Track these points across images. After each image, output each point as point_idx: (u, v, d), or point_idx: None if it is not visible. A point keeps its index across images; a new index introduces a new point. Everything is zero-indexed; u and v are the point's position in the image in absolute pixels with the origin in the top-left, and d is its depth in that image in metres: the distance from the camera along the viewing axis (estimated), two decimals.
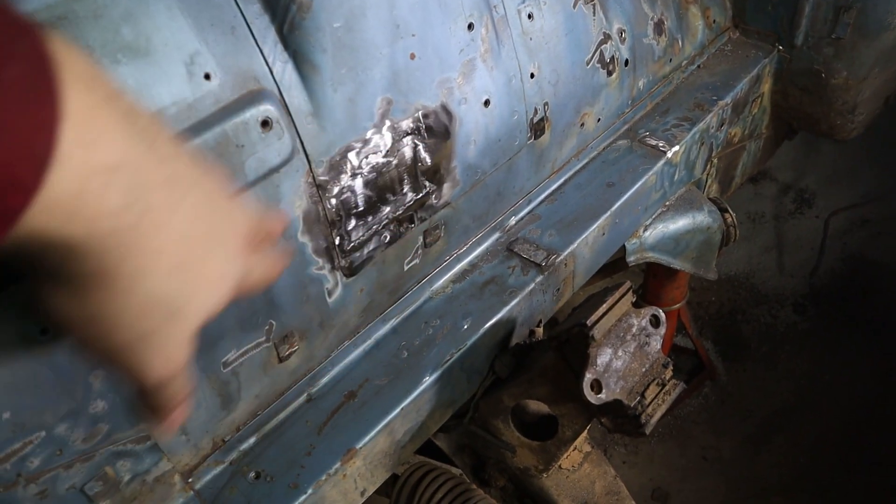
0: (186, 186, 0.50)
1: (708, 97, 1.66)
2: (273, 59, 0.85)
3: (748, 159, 1.99)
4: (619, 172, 1.45)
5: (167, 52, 0.74)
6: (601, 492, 1.30)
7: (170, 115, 0.76)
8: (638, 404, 1.03)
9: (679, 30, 1.65)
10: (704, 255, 1.71)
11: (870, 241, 3.03)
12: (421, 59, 1.01)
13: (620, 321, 1.07)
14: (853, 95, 1.85)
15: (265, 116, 0.83)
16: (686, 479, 2.49)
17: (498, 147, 1.20)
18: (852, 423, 2.53)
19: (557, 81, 1.29)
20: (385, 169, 1.02)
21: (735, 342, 2.86)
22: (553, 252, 1.28)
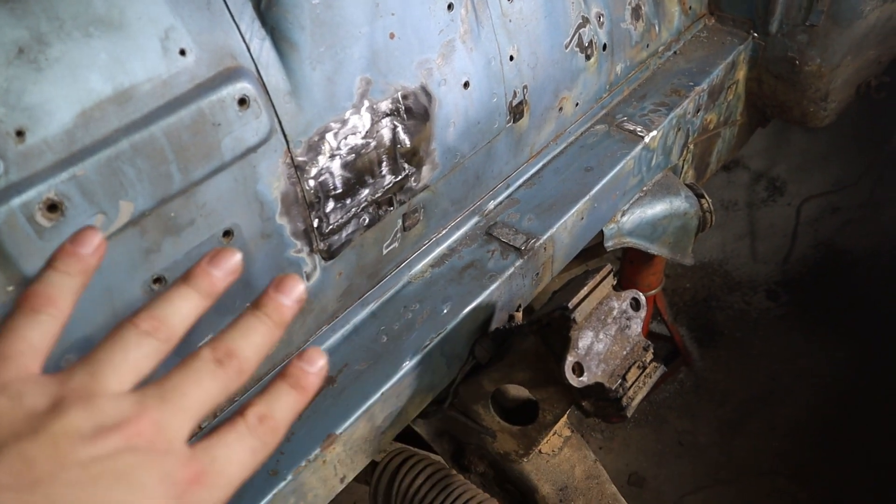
0: None
1: (684, 83, 1.66)
2: (250, 36, 0.83)
3: (723, 146, 2.00)
4: (598, 157, 1.45)
5: (141, 26, 0.72)
6: (581, 476, 1.30)
7: (144, 92, 0.74)
8: (619, 387, 1.03)
9: (656, 15, 1.65)
10: (681, 241, 1.72)
11: (840, 229, 3.08)
12: (400, 39, 1.00)
13: (601, 304, 1.06)
14: (826, 83, 1.87)
15: (242, 94, 0.81)
16: (662, 464, 2.51)
17: (477, 130, 1.19)
18: (825, 406, 2.57)
19: (536, 64, 1.28)
20: (364, 150, 1.00)
21: (709, 328, 2.89)
22: (532, 236, 1.28)
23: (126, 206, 0.74)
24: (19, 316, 0.46)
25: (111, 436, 0.42)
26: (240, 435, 0.46)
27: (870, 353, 2.67)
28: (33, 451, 0.40)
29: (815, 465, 2.41)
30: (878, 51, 1.92)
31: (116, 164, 0.72)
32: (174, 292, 0.49)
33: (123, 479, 0.41)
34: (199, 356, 0.47)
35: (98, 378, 0.44)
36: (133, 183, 0.74)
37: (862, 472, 2.36)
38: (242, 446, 0.46)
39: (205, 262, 0.50)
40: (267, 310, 0.50)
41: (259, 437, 0.47)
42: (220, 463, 0.45)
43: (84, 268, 0.49)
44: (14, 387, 0.42)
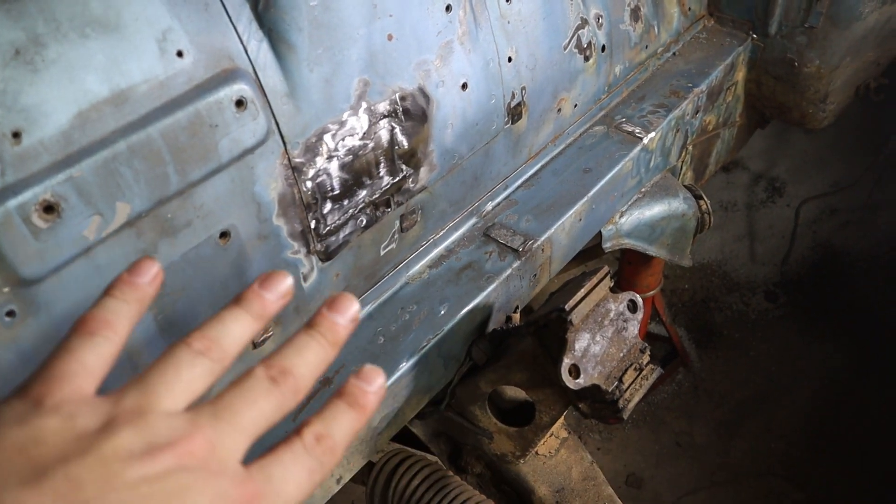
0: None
1: (683, 84, 1.66)
2: (248, 38, 0.83)
3: (722, 147, 2.00)
4: (596, 158, 1.45)
5: (138, 28, 0.72)
6: (578, 477, 1.30)
7: (141, 93, 0.73)
8: (616, 389, 1.03)
9: (655, 16, 1.65)
10: (679, 242, 1.72)
11: (839, 230, 3.08)
12: (398, 41, 1.00)
13: (598, 306, 1.07)
14: (825, 84, 1.87)
15: (239, 96, 0.81)
16: (660, 465, 2.51)
17: (475, 131, 1.19)
18: (823, 407, 2.57)
19: (535, 66, 1.28)
20: (361, 152, 1.00)
21: (708, 329, 2.89)
22: (530, 237, 1.28)
23: (123, 208, 0.74)
24: (74, 338, 0.45)
25: (163, 455, 0.41)
26: (296, 455, 0.45)
27: (867, 355, 2.67)
28: (81, 472, 0.39)
29: (812, 466, 2.41)
30: (877, 53, 1.92)
31: (113, 166, 0.72)
32: (227, 314, 0.48)
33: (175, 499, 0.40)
34: (253, 375, 0.46)
35: (150, 397, 0.43)
36: (130, 184, 0.74)
37: (859, 473, 2.36)
38: (299, 466, 0.45)
39: (256, 285, 0.50)
40: (321, 329, 0.49)
41: (316, 458, 0.46)
42: (276, 483, 0.44)
43: (141, 296, 0.49)
44: (67, 408, 0.42)
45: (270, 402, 0.45)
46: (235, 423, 0.44)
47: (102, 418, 0.41)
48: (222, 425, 0.44)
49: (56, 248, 0.71)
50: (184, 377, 0.45)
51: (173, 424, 0.42)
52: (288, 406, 0.46)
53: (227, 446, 0.43)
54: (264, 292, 0.49)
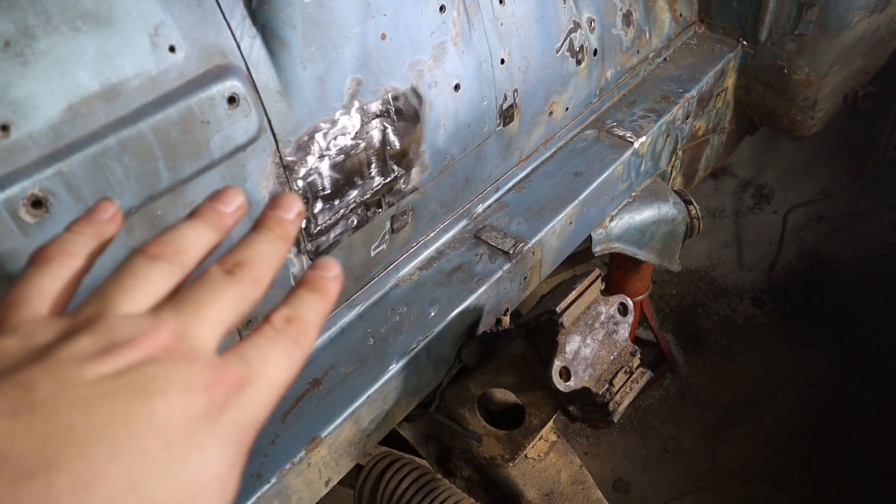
0: None
1: (674, 89, 1.67)
2: (241, 34, 0.82)
3: (711, 153, 2.01)
4: (587, 162, 1.45)
5: (130, 22, 0.72)
6: (567, 481, 1.30)
7: (132, 88, 0.73)
8: (606, 392, 1.02)
9: (647, 22, 1.65)
10: (669, 247, 1.72)
11: (826, 237, 3.10)
12: (392, 40, 0.99)
13: (589, 309, 1.06)
14: (814, 92, 1.88)
15: (232, 92, 0.80)
16: (647, 470, 2.51)
17: (467, 133, 1.18)
18: (809, 413, 2.58)
19: (527, 68, 1.28)
20: (353, 151, 1.00)
21: (695, 335, 2.90)
22: (520, 240, 1.27)
23: None
24: (29, 268, 0.44)
25: (124, 351, 0.38)
26: (268, 337, 0.43)
27: (854, 362, 2.68)
28: (34, 376, 0.36)
29: (798, 472, 2.42)
30: (866, 61, 1.93)
31: (103, 161, 0.71)
32: (181, 223, 0.46)
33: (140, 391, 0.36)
34: (208, 271, 0.44)
35: (107, 303, 0.41)
36: (120, 180, 0.73)
37: (845, 479, 2.37)
38: (275, 347, 0.43)
39: (207, 200, 0.48)
40: (269, 224, 0.48)
41: (290, 337, 0.44)
42: (254, 365, 0.42)
43: (98, 231, 0.47)
44: (23, 328, 0.40)
45: (232, 293, 0.43)
46: (200, 313, 0.42)
47: (60, 332, 0.39)
48: (187, 317, 0.41)
49: None
50: (141, 281, 0.42)
51: (134, 323, 0.40)
52: (250, 297, 0.45)
53: (196, 335, 0.41)
54: (218, 204, 0.48)
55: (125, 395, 0.36)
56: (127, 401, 0.36)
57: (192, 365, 0.39)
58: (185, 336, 0.40)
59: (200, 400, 0.38)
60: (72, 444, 0.34)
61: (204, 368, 0.39)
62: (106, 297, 0.41)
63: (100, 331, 0.39)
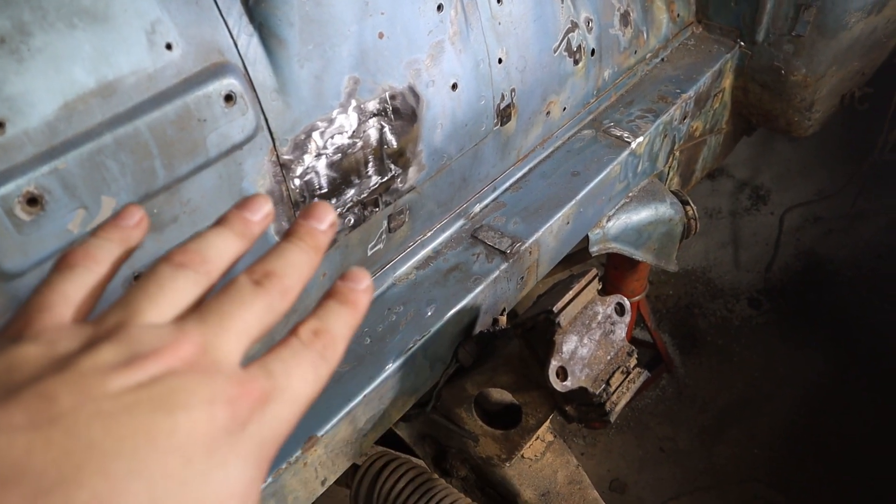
0: None
1: (671, 90, 1.67)
2: (238, 32, 0.82)
3: (708, 154, 2.01)
4: (584, 162, 1.45)
5: (127, 19, 0.71)
6: (563, 481, 1.30)
7: (128, 85, 0.72)
8: (603, 392, 1.02)
9: (644, 22, 1.65)
10: (666, 247, 1.72)
11: (822, 238, 3.10)
12: (389, 39, 0.99)
13: (586, 309, 1.06)
14: (811, 93, 1.88)
15: (229, 90, 0.80)
16: (643, 470, 2.51)
17: (465, 132, 1.18)
18: (806, 414, 2.58)
19: (525, 68, 1.28)
20: (350, 150, 1.00)
21: (692, 335, 2.90)
22: (518, 240, 1.27)
23: (108, 202, 0.73)
24: (54, 273, 0.43)
25: (147, 363, 0.37)
26: (295, 350, 0.42)
27: (850, 363, 2.69)
28: (56, 387, 0.35)
29: (794, 472, 2.42)
30: (862, 62, 1.94)
31: (99, 159, 0.71)
32: (208, 231, 0.45)
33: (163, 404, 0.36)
34: (236, 281, 0.43)
35: (131, 312, 0.40)
36: (116, 178, 0.73)
37: (841, 480, 2.37)
38: (300, 360, 0.42)
39: (234, 208, 0.47)
40: (300, 235, 0.46)
41: (317, 351, 0.43)
42: (279, 378, 0.41)
43: (125, 237, 0.46)
44: (46, 335, 0.39)
45: (259, 304, 0.42)
46: (225, 325, 0.41)
47: (83, 340, 0.38)
48: (212, 329, 0.40)
49: (39, 242, 0.69)
50: (166, 289, 0.41)
51: (158, 334, 0.39)
52: (278, 308, 0.43)
53: (220, 348, 0.40)
54: (245, 212, 0.47)
55: (147, 408, 0.36)
56: (149, 414, 0.35)
57: (216, 378, 0.38)
58: (210, 348, 0.40)
59: (223, 414, 0.37)
60: (91, 460, 0.33)
61: (227, 382, 0.39)
62: (130, 305, 0.40)
63: (123, 341, 0.38)
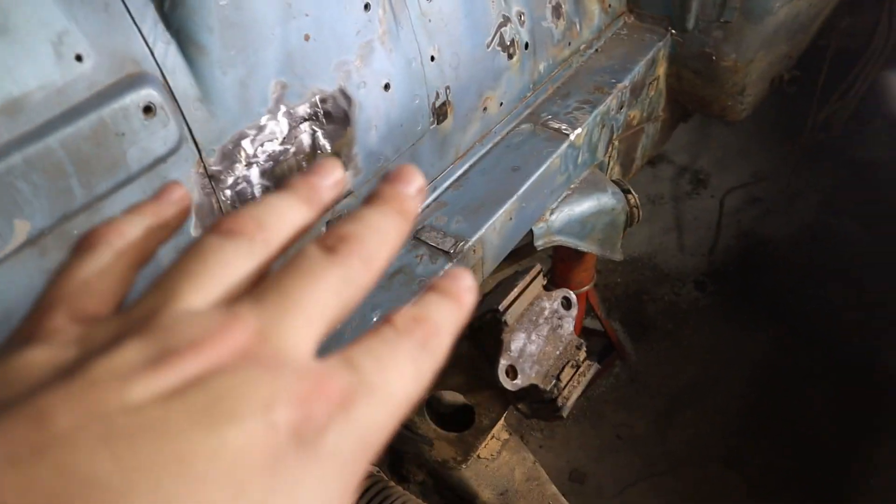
0: None
1: (607, 80, 1.67)
2: (154, 40, 0.78)
3: (647, 141, 2.03)
4: (524, 156, 1.44)
5: (30, 30, 0.67)
6: (521, 479, 1.29)
7: (36, 101, 0.68)
8: (554, 387, 1.02)
9: (576, 14, 1.65)
10: (610, 237, 1.73)
11: (761, 218, 3.17)
12: (316, 41, 0.96)
13: (532, 305, 1.06)
14: (741, 77, 1.91)
15: (147, 102, 0.76)
16: (602, 459, 2.53)
17: (400, 132, 1.16)
18: (753, 392, 2.64)
19: (458, 65, 1.26)
20: (282, 157, 0.97)
21: (641, 322, 2.93)
22: (461, 239, 1.26)
23: (21, 226, 0.69)
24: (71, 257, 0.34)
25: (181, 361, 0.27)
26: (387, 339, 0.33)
27: (794, 338, 2.75)
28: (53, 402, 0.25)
29: (748, 450, 2.47)
30: (789, 45, 1.98)
31: (8, 180, 0.67)
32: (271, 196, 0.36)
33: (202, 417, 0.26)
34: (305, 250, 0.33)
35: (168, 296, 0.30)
36: (28, 200, 0.69)
37: (794, 454, 2.43)
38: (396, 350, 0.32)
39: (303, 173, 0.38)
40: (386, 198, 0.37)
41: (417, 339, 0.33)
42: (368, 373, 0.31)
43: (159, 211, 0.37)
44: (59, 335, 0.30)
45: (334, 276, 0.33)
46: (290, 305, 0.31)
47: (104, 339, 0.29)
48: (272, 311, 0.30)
49: None
50: (211, 264, 0.32)
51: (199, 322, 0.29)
52: (359, 281, 0.34)
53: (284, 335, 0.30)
54: (313, 177, 0.38)
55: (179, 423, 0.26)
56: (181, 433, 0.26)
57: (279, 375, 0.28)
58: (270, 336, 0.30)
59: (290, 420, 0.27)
60: None
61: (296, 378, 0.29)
62: (166, 287, 0.31)
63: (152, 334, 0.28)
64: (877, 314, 2.73)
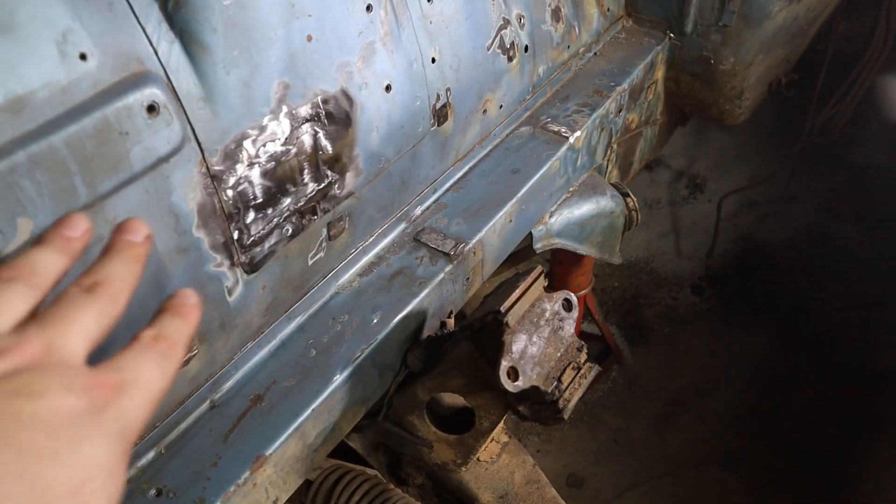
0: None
1: (606, 83, 1.68)
2: (158, 39, 0.78)
3: (645, 145, 2.04)
4: (523, 159, 1.45)
5: (35, 29, 0.67)
6: (521, 482, 1.29)
7: (40, 99, 0.68)
8: (555, 389, 1.01)
9: (575, 17, 1.66)
10: (609, 240, 1.73)
11: (758, 222, 3.18)
12: (318, 42, 0.96)
13: (533, 307, 1.05)
14: (740, 81, 1.92)
15: (151, 101, 0.76)
16: (599, 463, 2.53)
17: (401, 134, 1.16)
18: (751, 394, 2.64)
19: (459, 67, 1.26)
20: (284, 158, 0.96)
21: (639, 326, 2.93)
22: (461, 241, 1.26)
23: (24, 224, 0.69)
24: None
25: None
26: (137, 351, 0.47)
27: (791, 341, 2.76)
28: None
29: (746, 453, 2.47)
30: (787, 49, 1.99)
31: (12, 178, 0.67)
32: (31, 249, 0.49)
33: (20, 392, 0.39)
34: (67, 291, 0.47)
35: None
36: (32, 198, 0.69)
37: (786, 455, 2.43)
38: (145, 358, 0.47)
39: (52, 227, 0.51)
40: (118, 248, 0.52)
41: (159, 351, 0.48)
42: (127, 373, 0.45)
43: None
44: None
45: (93, 308, 0.46)
46: (65, 327, 0.44)
47: None
48: (53, 331, 0.44)
49: None
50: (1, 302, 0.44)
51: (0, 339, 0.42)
52: (110, 312, 0.47)
53: (65, 347, 0.43)
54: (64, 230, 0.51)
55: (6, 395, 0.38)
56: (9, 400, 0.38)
57: (67, 371, 0.42)
58: (54, 348, 0.43)
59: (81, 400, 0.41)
60: None
61: (79, 374, 0.42)
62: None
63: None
64: (875, 316, 2.73)
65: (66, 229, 0.51)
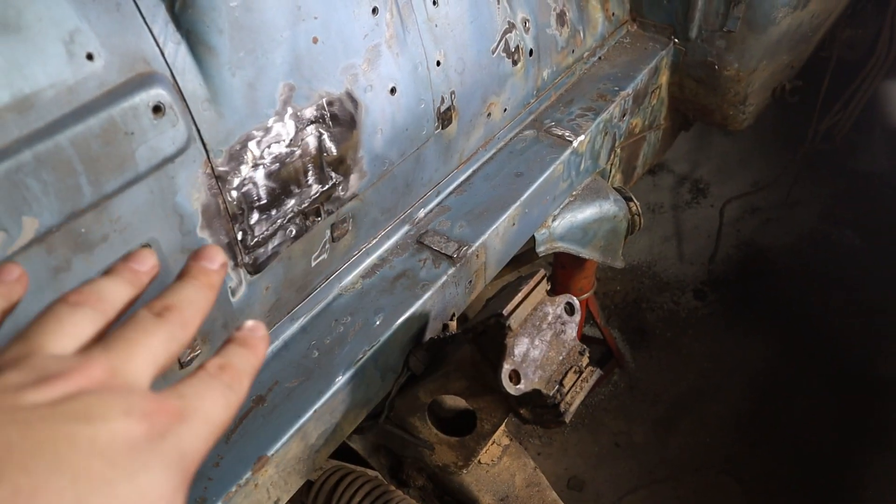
0: None
1: (610, 88, 1.68)
2: (164, 40, 0.79)
3: (649, 150, 2.04)
4: (527, 162, 1.45)
5: (42, 29, 0.67)
6: (522, 484, 1.29)
7: (47, 99, 0.68)
8: (557, 392, 1.02)
9: (580, 21, 1.66)
10: (612, 244, 1.73)
11: (761, 228, 3.18)
12: (324, 44, 0.97)
13: (536, 310, 1.05)
14: (744, 87, 1.92)
15: (157, 101, 0.77)
16: (600, 466, 2.53)
17: (405, 137, 1.16)
18: (753, 399, 2.64)
19: (464, 70, 1.26)
20: (288, 159, 0.97)
21: (641, 329, 2.93)
22: (464, 243, 1.26)
23: (30, 223, 0.69)
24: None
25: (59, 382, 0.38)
26: (203, 379, 0.45)
27: (793, 346, 2.76)
28: None
29: (747, 457, 2.47)
30: (791, 55, 1.99)
31: (18, 177, 0.67)
32: (99, 278, 0.48)
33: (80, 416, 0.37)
34: (137, 314, 0.46)
35: (33, 345, 0.41)
36: (37, 197, 0.69)
37: (793, 461, 2.43)
38: (209, 387, 0.45)
39: (121, 260, 0.50)
40: (194, 274, 0.50)
41: (224, 382, 0.46)
42: (191, 399, 0.43)
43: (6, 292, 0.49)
44: None
45: (161, 333, 0.45)
46: (131, 351, 0.43)
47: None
48: (118, 354, 0.43)
49: None
50: (66, 324, 0.44)
51: (63, 361, 0.41)
52: (180, 339, 0.46)
53: (129, 371, 0.42)
54: (132, 264, 0.51)
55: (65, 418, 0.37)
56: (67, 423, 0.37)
57: (130, 396, 0.40)
58: (118, 371, 0.41)
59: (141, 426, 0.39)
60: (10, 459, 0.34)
61: (142, 399, 0.40)
62: (30, 339, 0.42)
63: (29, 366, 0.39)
64: (876, 322, 2.73)
65: (134, 262, 0.51)
